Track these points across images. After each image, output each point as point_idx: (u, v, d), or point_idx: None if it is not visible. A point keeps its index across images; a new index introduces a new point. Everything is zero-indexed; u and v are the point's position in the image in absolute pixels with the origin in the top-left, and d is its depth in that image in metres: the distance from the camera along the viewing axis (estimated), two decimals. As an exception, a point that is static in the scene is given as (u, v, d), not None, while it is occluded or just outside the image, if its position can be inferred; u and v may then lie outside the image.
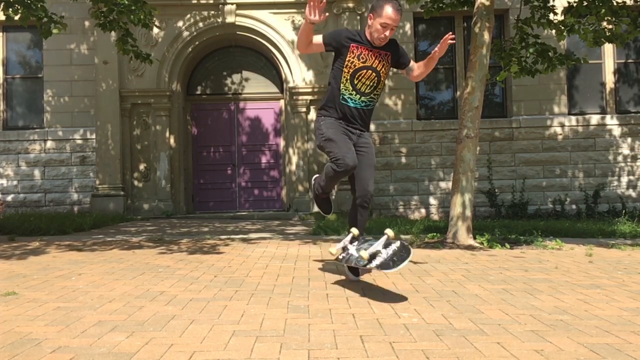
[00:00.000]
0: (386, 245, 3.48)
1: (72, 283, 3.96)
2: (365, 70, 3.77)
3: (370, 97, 3.85)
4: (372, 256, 3.43)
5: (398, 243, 3.47)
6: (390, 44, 3.87)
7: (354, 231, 3.82)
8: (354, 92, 3.79)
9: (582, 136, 11.57)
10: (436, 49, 3.78)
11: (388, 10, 3.64)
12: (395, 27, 3.73)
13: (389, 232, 3.48)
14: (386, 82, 4.00)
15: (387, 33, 3.70)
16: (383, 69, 3.84)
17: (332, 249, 3.86)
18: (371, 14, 3.73)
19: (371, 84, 3.81)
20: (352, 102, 3.82)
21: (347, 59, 3.75)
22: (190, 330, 2.69)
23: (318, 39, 3.76)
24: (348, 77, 3.77)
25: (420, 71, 3.98)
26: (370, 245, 3.54)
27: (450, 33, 3.81)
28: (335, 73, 3.85)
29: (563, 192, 11.44)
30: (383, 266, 3.32)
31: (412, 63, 3.98)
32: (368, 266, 3.42)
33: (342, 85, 3.79)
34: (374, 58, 3.78)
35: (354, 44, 3.74)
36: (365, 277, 4.08)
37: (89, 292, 3.62)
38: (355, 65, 3.75)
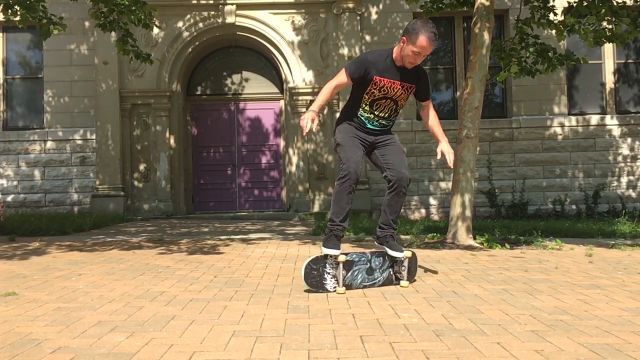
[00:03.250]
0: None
1: (72, 283, 3.96)
2: (384, 100, 3.79)
3: (387, 120, 3.89)
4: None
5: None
6: (419, 77, 3.84)
7: (341, 258, 3.65)
8: (372, 115, 3.83)
9: (582, 136, 11.57)
10: (442, 148, 3.86)
11: (422, 39, 3.58)
12: (427, 55, 3.72)
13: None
14: (404, 104, 4.01)
15: (418, 60, 3.69)
16: (402, 99, 3.85)
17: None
18: (405, 37, 3.65)
19: (388, 110, 3.85)
20: (370, 124, 3.85)
21: (368, 89, 3.75)
22: (190, 331, 2.69)
23: (343, 79, 3.76)
24: (367, 103, 3.81)
25: (427, 122, 4.03)
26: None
27: (451, 159, 3.86)
28: (355, 95, 3.85)
29: (563, 193, 11.44)
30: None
31: (427, 102, 3.97)
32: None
33: (360, 108, 3.83)
34: (395, 90, 3.77)
35: (377, 76, 3.71)
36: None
37: (89, 293, 3.62)
38: (375, 96, 3.77)
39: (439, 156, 3.89)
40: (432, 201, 11.50)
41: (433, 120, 4.01)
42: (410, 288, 3.74)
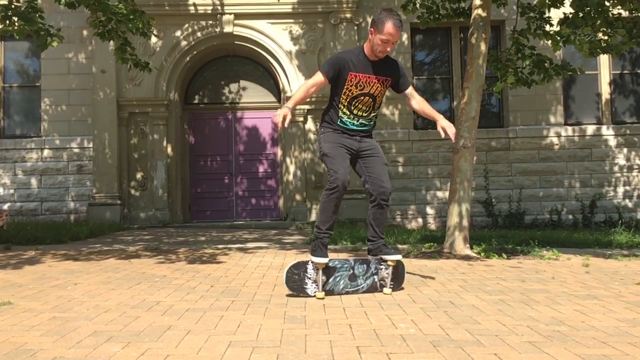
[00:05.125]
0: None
1: (68, 293, 3.94)
2: (362, 97, 3.85)
3: (367, 119, 3.94)
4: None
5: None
6: (392, 68, 3.92)
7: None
8: (351, 116, 3.89)
9: (579, 146, 11.61)
10: (442, 125, 3.86)
11: (389, 26, 3.68)
12: (396, 42, 3.78)
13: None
14: (383, 100, 4.08)
15: (388, 48, 3.76)
16: (379, 94, 3.91)
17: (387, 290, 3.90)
18: (372, 29, 3.76)
19: (366, 107, 3.90)
20: (351, 125, 3.90)
21: (345, 87, 3.82)
22: (187, 341, 2.68)
23: (319, 79, 3.82)
24: (345, 104, 3.86)
25: (419, 110, 4.06)
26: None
27: (453, 132, 3.85)
28: (333, 96, 3.92)
29: (560, 202, 11.46)
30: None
31: (410, 90, 4.02)
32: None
33: (340, 110, 3.88)
34: (371, 85, 3.84)
35: (352, 72, 3.79)
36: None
37: (84, 302, 3.61)
38: (352, 93, 3.83)
39: (442, 134, 3.89)
40: (429, 210, 11.51)
41: (422, 103, 4.05)
42: (407, 298, 3.74)
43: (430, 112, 4.02)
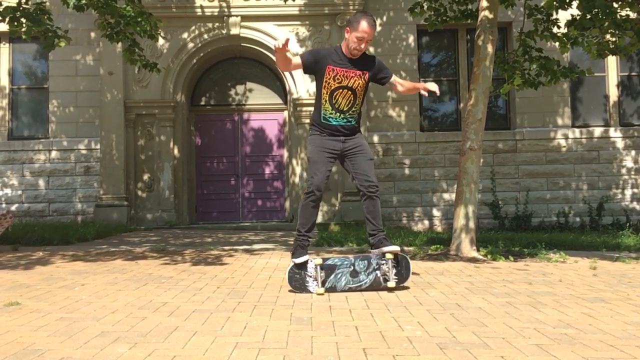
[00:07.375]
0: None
1: (75, 293, 3.96)
2: (341, 90, 4.05)
3: (349, 114, 4.11)
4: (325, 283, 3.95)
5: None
6: (368, 62, 4.12)
7: (317, 261, 3.98)
8: (334, 112, 4.07)
9: (586, 148, 11.56)
10: (423, 87, 4.11)
11: (363, 24, 3.94)
12: (370, 40, 4.01)
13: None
14: (365, 97, 4.33)
15: (362, 45, 3.99)
16: (359, 87, 4.08)
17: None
18: (348, 28, 4.02)
19: (347, 102, 4.08)
20: (334, 121, 4.09)
21: (324, 80, 4.03)
22: (193, 342, 2.69)
23: (297, 59, 4.11)
24: (327, 98, 4.06)
25: (404, 90, 4.29)
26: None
27: (431, 91, 4.07)
28: (317, 93, 4.15)
29: (567, 205, 11.41)
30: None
31: (393, 78, 4.22)
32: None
33: (322, 106, 4.08)
34: (349, 78, 4.03)
35: (330, 65, 4.02)
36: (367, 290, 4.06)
37: (92, 303, 3.62)
38: (331, 86, 4.04)
39: (425, 94, 4.13)
40: (436, 212, 11.48)
41: (406, 83, 4.30)
42: (414, 300, 3.73)
43: (412, 86, 4.26)
